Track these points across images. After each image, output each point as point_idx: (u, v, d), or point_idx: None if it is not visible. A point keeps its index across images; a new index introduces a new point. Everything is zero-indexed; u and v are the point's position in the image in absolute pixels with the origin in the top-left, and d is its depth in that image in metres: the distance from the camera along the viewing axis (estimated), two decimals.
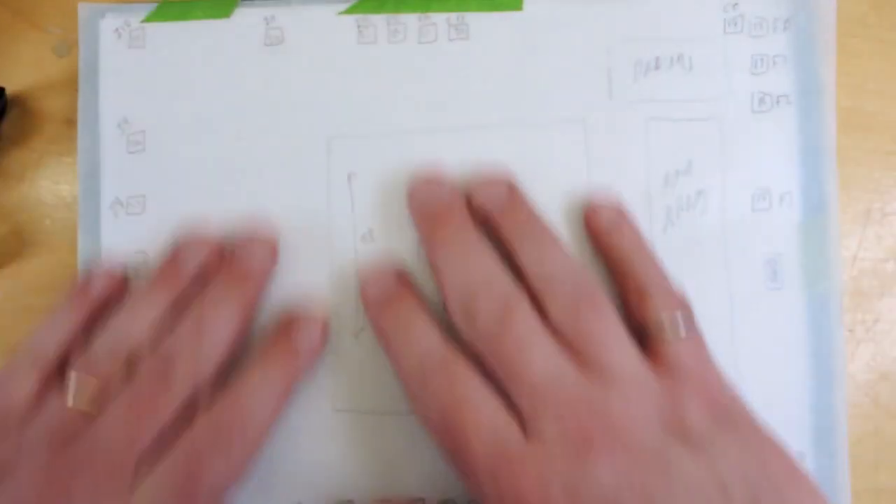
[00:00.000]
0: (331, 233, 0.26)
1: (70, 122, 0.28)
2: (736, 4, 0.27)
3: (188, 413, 0.23)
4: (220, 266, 0.25)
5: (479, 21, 0.27)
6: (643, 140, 0.27)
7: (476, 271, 0.23)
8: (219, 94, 0.27)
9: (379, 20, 0.27)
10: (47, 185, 0.28)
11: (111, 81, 0.27)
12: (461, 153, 0.27)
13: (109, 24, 0.27)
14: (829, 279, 0.26)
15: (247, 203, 0.27)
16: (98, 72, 0.27)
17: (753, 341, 0.26)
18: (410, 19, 0.27)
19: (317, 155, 0.27)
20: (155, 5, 0.27)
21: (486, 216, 0.25)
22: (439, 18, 0.27)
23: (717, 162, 0.27)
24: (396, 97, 0.27)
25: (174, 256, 0.25)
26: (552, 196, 0.26)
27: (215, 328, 0.24)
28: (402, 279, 0.25)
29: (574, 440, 0.20)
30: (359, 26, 0.27)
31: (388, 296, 0.25)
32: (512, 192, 0.25)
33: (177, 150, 0.27)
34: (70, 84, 0.28)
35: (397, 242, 0.26)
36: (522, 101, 0.27)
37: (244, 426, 0.23)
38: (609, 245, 0.25)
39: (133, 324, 0.24)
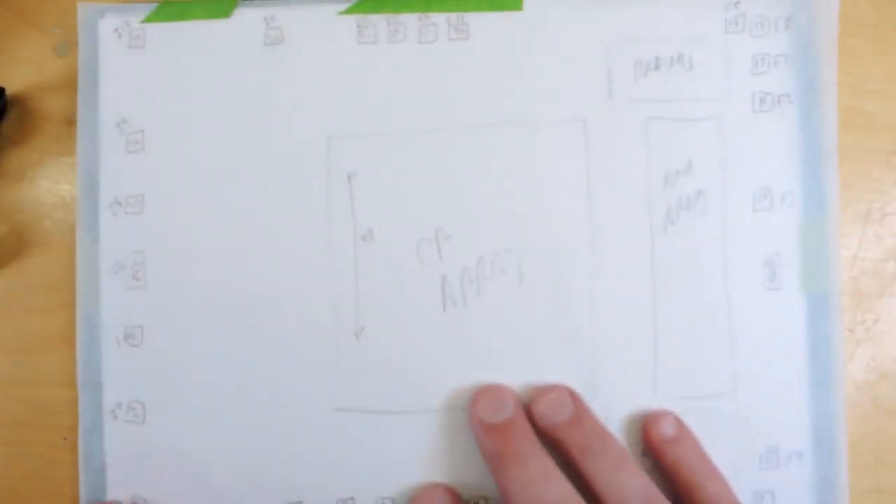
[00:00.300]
0: (331, 233, 0.26)
1: (70, 122, 0.28)
2: (737, 3, 0.27)
3: None
4: None
5: (479, 21, 0.27)
6: (643, 140, 0.27)
7: (551, 497, 0.23)
8: (218, 93, 0.27)
9: (379, 20, 0.27)
10: (47, 185, 0.28)
11: (111, 81, 0.27)
12: (461, 153, 0.27)
13: (109, 24, 0.27)
14: (829, 279, 0.26)
15: (246, 203, 0.27)
16: (98, 71, 0.27)
17: (752, 341, 0.26)
18: (410, 19, 0.27)
19: (316, 155, 0.27)
20: (155, 5, 0.27)
21: (548, 429, 0.25)
22: (439, 18, 0.27)
23: (717, 162, 0.27)
24: (396, 97, 0.27)
25: None
26: (551, 196, 0.26)
27: None
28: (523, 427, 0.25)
29: None
30: (359, 26, 0.27)
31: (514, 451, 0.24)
32: (576, 404, 0.25)
33: (176, 150, 0.27)
34: (70, 84, 0.28)
35: (397, 243, 0.26)
36: (522, 101, 0.27)
37: None
38: (674, 456, 0.25)
39: None
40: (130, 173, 0.27)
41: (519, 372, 0.26)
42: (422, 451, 0.26)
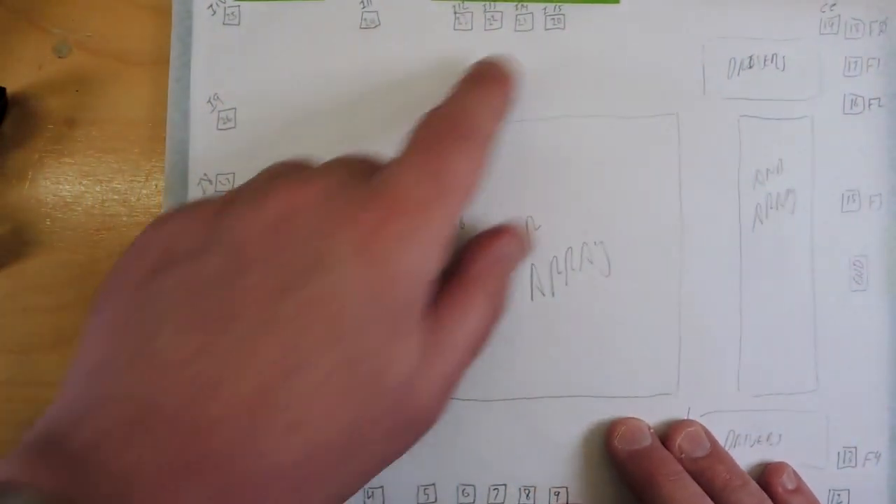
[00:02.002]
0: None
1: (70, 122, 0.27)
2: (833, 5, 0.27)
3: None
4: None
5: (576, 12, 0.27)
6: (735, 137, 0.27)
7: None
8: (311, 74, 0.27)
9: (475, 7, 0.27)
10: (47, 185, 0.28)
11: (203, 57, 0.27)
12: (553, 143, 0.27)
13: (204, 1, 0.27)
14: None
15: None
16: (191, 47, 0.27)
17: (835, 341, 0.27)
18: (507, 7, 0.27)
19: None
20: None
21: (687, 462, 0.25)
22: (536, 7, 0.27)
23: (807, 162, 0.27)
24: None
25: None
26: (642, 189, 0.26)
27: None
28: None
29: None
30: (455, 12, 0.27)
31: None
32: (710, 439, 0.26)
33: (267, 129, 0.27)
34: (70, 84, 0.27)
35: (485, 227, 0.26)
36: (616, 93, 0.27)
37: (476, 131, 0.21)
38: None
39: None
40: (221, 151, 0.27)
41: (604, 364, 0.26)
42: (505, 439, 0.26)
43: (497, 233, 0.23)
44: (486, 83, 0.23)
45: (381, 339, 0.18)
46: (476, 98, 0.22)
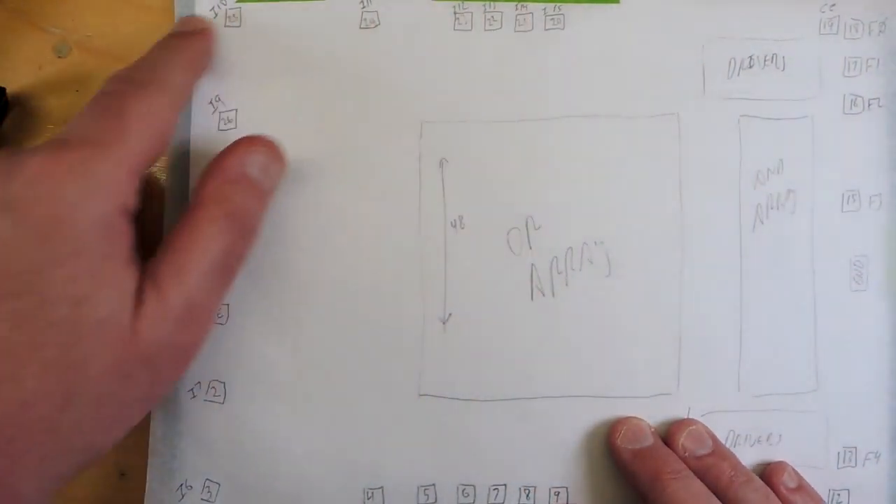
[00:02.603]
0: (421, 218, 0.26)
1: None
2: (833, 5, 0.27)
3: None
4: None
5: (576, 12, 0.27)
6: (735, 137, 0.27)
7: None
8: (313, 75, 0.27)
9: (475, 7, 0.27)
10: None
11: None
12: (554, 142, 0.27)
13: (206, 2, 0.27)
14: None
15: (337, 185, 0.27)
16: None
17: (835, 341, 0.27)
18: (507, 7, 0.27)
19: (409, 140, 0.27)
20: None
21: (690, 460, 0.25)
22: (536, 7, 0.27)
23: (808, 162, 0.27)
24: (490, 84, 0.27)
25: None
26: (643, 189, 0.27)
27: None
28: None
29: None
30: (455, 13, 0.27)
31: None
32: (712, 435, 0.26)
33: (268, 130, 0.26)
34: (70, 84, 0.27)
35: (486, 230, 0.26)
36: (616, 93, 0.27)
37: (160, 81, 0.23)
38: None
39: None
40: None
41: (604, 364, 0.26)
42: (506, 439, 0.26)
43: (236, 146, 0.24)
44: (174, 38, 0.25)
45: (67, 280, 0.19)
46: (160, 53, 0.24)
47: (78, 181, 0.19)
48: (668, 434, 0.26)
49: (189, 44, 0.25)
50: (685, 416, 0.26)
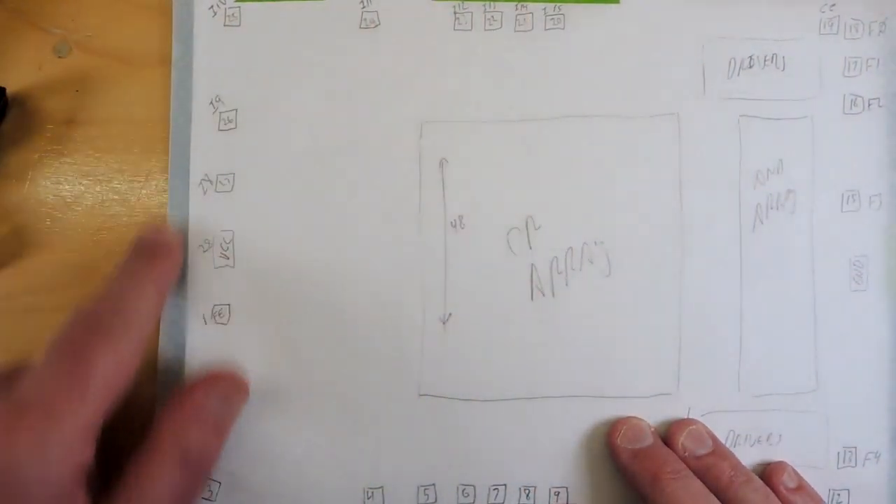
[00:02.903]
0: (421, 218, 0.27)
1: (70, 122, 0.28)
2: (833, 6, 0.27)
3: None
4: None
5: (576, 12, 0.27)
6: (735, 137, 0.27)
7: None
8: (312, 75, 0.27)
9: (475, 7, 0.27)
10: (47, 185, 0.28)
11: (205, 58, 0.27)
12: (553, 143, 0.27)
13: (205, 2, 0.27)
14: None
15: (337, 186, 0.27)
16: (192, 48, 0.27)
17: (836, 341, 0.27)
18: (507, 7, 0.27)
19: (409, 139, 0.27)
20: None
21: (690, 460, 0.25)
22: (536, 8, 0.27)
23: (808, 162, 0.27)
24: (490, 84, 0.27)
25: None
26: (643, 189, 0.27)
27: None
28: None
29: None
30: (455, 13, 0.27)
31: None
32: (712, 435, 0.26)
33: (268, 130, 0.27)
34: (70, 84, 0.27)
35: (486, 230, 0.26)
36: (616, 93, 0.27)
37: (125, 321, 0.22)
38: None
39: None
40: (222, 151, 0.27)
41: (604, 364, 0.26)
42: (506, 439, 0.26)
43: (190, 390, 0.24)
44: (140, 263, 0.24)
45: None
46: (125, 283, 0.23)
47: (33, 451, 0.19)
48: (668, 434, 0.26)
49: (157, 270, 0.24)
50: (685, 416, 0.26)
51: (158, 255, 0.25)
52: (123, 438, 0.23)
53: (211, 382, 0.25)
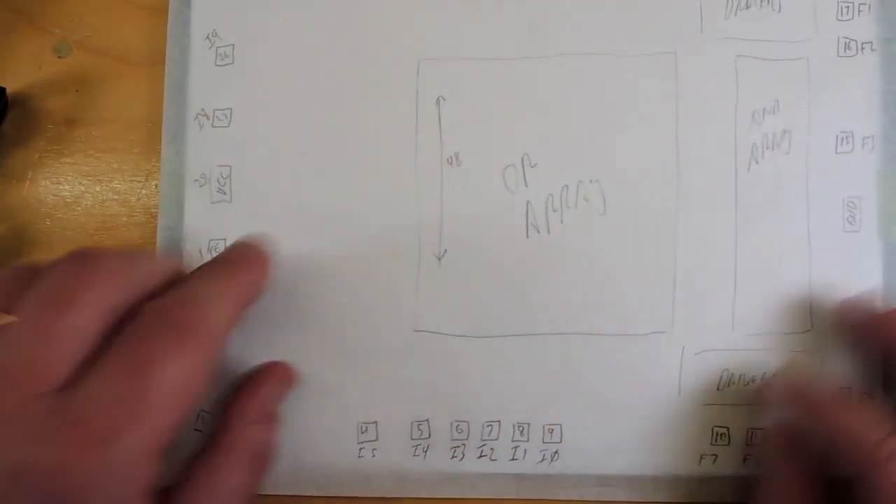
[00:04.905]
0: (417, 154, 0.27)
1: (70, 122, 0.28)
2: None
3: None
4: None
5: None
6: (732, 77, 0.27)
7: None
8: (310, 11, 0.27)
9: None
10: (47, 185, 0.28)
11: None
12: (551, 81, 0.27)
13: None
14: None
15: (334, 122, 0.27)
16: None
17: (829, 281, 0.27)
18: None
19: (406, 77, 0.27)
20: None
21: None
22: None
23: (803, 102, 0.27)
24: (488, 22, 0.27)
25: None
26: (639, 127, 0.27)
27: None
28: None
29: None
30: None
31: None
32: None
33: (265, 65, 0.27)
34: (70, 84, 0.28)
35: (482, 168, 0.27)
36: (614, 31, 0.27)
37: (199, 326, 0.20)
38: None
39: None
40: (219, 87, 0.27)
41: (599, 302, 0.26)
42: (500, 376, 0.26)
43: (255, 386, 0.24)
44: (228, 269, 0.22)
45: None
46: (207, 279, 0.21)
47: (95, 474, 0.18)
48: None
49: (240, 282, 0.22)
50: (679, 355, 0.27)
51: (243, 266, 0.23)
52: None
53: (270, 377, 0.25)
